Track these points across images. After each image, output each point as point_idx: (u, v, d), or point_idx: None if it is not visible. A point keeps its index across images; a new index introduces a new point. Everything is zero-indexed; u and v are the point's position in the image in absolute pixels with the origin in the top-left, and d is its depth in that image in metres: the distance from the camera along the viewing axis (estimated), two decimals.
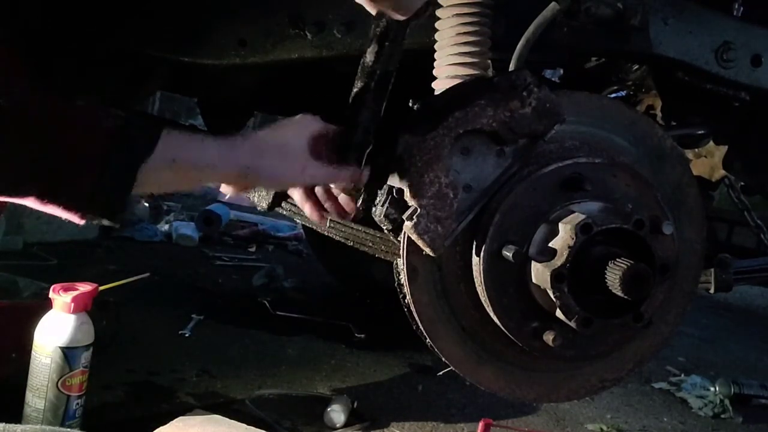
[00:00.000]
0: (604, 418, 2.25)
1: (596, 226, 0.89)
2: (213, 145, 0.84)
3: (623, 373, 1.11)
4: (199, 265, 3.35)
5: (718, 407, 2.46)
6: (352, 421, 1.86)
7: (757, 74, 1.28)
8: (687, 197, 1.09)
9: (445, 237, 0.88)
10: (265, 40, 1.18)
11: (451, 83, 1.02)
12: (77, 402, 1.54)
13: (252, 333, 2.47)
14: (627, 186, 0.97)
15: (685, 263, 1.07)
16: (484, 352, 1.02)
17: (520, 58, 1.08)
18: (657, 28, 1.19)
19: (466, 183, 0.89)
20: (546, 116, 0.89)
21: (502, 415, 2.08)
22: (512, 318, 0.95)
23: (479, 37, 1.03)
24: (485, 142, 0.89)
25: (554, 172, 0.93)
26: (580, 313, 0.90)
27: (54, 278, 1.70)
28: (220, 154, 0.83)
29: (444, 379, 2.26)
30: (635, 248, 0.92)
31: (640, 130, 1.06)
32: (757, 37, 1.27)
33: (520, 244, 0.91)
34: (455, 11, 1.03)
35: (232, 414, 1.74)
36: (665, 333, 1.11)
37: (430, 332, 0.99)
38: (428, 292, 0.98)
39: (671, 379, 2.71)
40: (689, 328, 3.49)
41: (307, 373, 2.19)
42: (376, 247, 1.13)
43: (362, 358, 2.40)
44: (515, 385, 1.06)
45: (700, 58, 1.23)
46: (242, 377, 2.06)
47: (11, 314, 1.71)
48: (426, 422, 1.98)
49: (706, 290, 1.32)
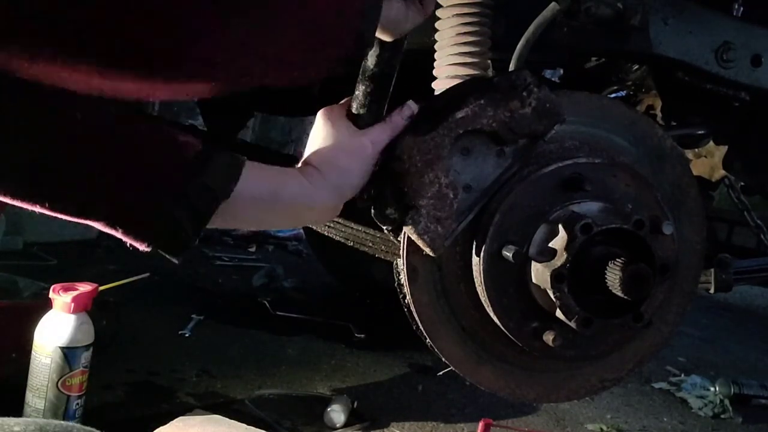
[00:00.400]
0: (604, 418, 2.25)
1: (596, 226, 0.89)
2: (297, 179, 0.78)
3: (623, 373, 1.11)
4: (199, 265, 3.34)
5: (718, 407, 2.46)
6: (352, 421, 1.87)
7: (757, 74, 1.28)
8: (687, 197, 1.09)
9: (445, 237, 0.88)
10: None
11: (451, 83, 1.02)
12: (77, 402, 1.54)
13: (252, 333, 2.47)
14: (627, 186, 0.97)
15: (685, 263, 1.07)
16: (484, 352, 1.02)
17: (520, 58, 1.08)
18: (657, 28, 1.19)
19: (466, 183, 0.89)
20: (546, 116, 0.88)
21: (502, 415, 2.08)
22: (512, 318, 0.95)
23: (479, 37, 1.03)
24: (485, 142, 0.89)
25: (554, 172, 0.93)
26: (580, 313, 0.90)
27: (54, 278, 1.70)
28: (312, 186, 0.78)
29: (444, 379, 2.26)
30: (635, 248, 0.92)
31: (640, 130, 1.05)
32: (757, 37, 1.27)
33: (520, 245, 0.91)
34: (455, 11, 1.03)
35: (232, 414, 1.74)
36: (665, 333, 1.11)
37: (430, 332, 0.99)
38: (428, 292, 0.98)
39: (671, 379, 2.71)
40: (689, 328, 3.49)
41: (307, 373, 2.19)
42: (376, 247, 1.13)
43: (362, 358, 2.40)
44: (515, 385, 1.06)
45: (700, 58, 1.23)
46: (242, 377, 2.06)
47: (11, 314, 1.71)
48: (426, 422, 1.98)
49: (706, 290, 1.32)
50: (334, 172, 0.81)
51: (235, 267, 3.43)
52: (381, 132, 0.85)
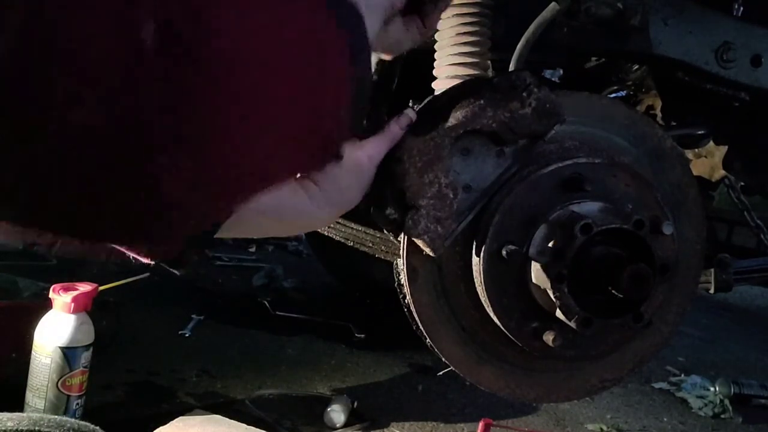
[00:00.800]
0: (604, 418, 2.25)
1: (596, 226, 0.89)
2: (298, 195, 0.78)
3: (623, 373, 1.11)
4: (198, 265, 3.35)
5: (718, 407, 2.46)
6: (352, 421, 1.87)
7: (757, 74, 1.27)
8: (687, 197, 1.09)
9: (445, 237, 0.88)
10: None
11: (450, 83, 1.02)
12: (77, 402, 1.54)
13: (252, 333, 2.47)
14: (627, 186, 0.97)
15: (685, 263, 1.07)
16: (484, 352, 1.02)
17: (520, 58, 1.08)
18: (657, 28, 1.19)
19: (465, 183, 0.89)
20: (546, 116, 0.88)
21: (502, 415, 2.08)
22: (512, 318, 0.95)
23: (479, 37, 1.03)
24: (485, 142, 0.89)
25: (554, 172, 0.93)
26: (580, 313, 0.90)
27: (54, 278, 1.70)
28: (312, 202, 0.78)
29: (444, 379, 2.26)
30: (635, 248, 0.92)
31: (640, 130, 1.05)
32: (757, 37, 1.27)
33: (520, 245, 0.91)
34: (455, 11, 1.03)
35: (232, 414, 1.74)
36: (665, 333, 1.11)
37: (430, 332, 0.99)
38: (428, 293, 0.98)
39: (671, 379, 2.71)
40: (689, 328, 3.49)
41: (307, 373, 2.19)
42: (376, 248, 1.13)
43: (362, 358, 2.40)
44: (515, 385, 1.06)
45: (700, 58, 1.23)
46: (242, 377, 2.06)
47: (11, 314, 1.71)
48: (426, 422, 1.98)
49: (706, 290, 1.33)
50: (335, 191, 0.81)
51: (235, 267, 3.43)
52: (378, 144, 0.85)
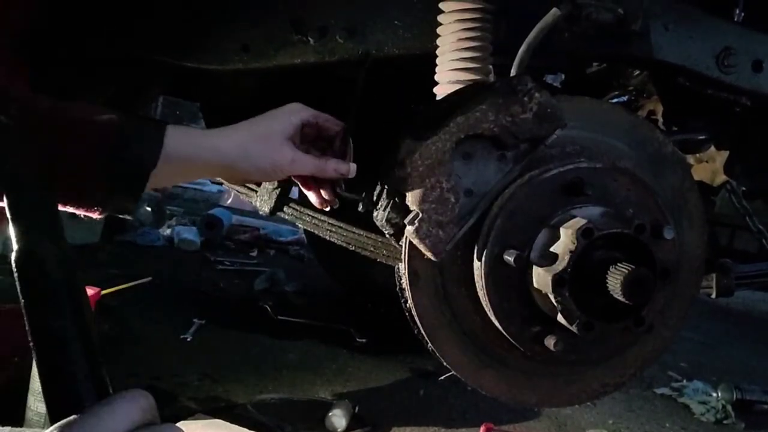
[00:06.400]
0: (605, 423, 2.24)
1: (597, 230, 0.89)
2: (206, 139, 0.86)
3: (625, 378, 1.11)
4: (200, 269, 3.35)
5: (721, 413, 2.46)
6: (353, 425, 1.87)
7: (758, 79, 1.28)
8: (688, 202, 1.09)
9: (446, 241, 0.88)
10: (268, 45, 1.18)
11: (452, 88, 1.02)
12: None
13: (253, 337, 2.47)
14: (628, 191, 0.97)
15: (686, 268, 1.07)
16: (485, 357, 1.02)
17: (521, 63, 1.08)
18: (658, 34, 1.19)
19: (467, 188, 0.89)
20: (547, 121, 0.89)
21: (504, 419, 2.07)
22: (513, 322, 0.95)
23: (481, 42, 1.03)
24: (486, 146, 0.89)
25: (555, 176, 0.93)
26: (581, 317, 0.90)
27: None
28: (212, 147, 0.86)
29: (445, 383, 2.26)
30: (636, 253, 0.92)
31: (641, 135, 1.06)
32: (758, 42, 1.27)
33: (522, 249, 0.91)
34: (457, 17, 1.04)
35: (233, 418, 1.74)
36: (666, 337, 1.11)
37: (431, 336, 0.99)
38: (430, 297, 0.98)
39: (673, 384, 2.71)
40: (691, 333, 3.49)
41: (308, 377, 2.19)
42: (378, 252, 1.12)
43: (364, 362, 2.40)
44: (516, 390, 1.06)
45: (701, 63, 1.24)
46: (244, 381, 2.06)
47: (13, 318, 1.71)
48: (427, 427, 1.98)
49: (708, 295, 1.32)
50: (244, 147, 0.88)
51: (236, 271, 3.43)
52: (308, 163, 0.92)
